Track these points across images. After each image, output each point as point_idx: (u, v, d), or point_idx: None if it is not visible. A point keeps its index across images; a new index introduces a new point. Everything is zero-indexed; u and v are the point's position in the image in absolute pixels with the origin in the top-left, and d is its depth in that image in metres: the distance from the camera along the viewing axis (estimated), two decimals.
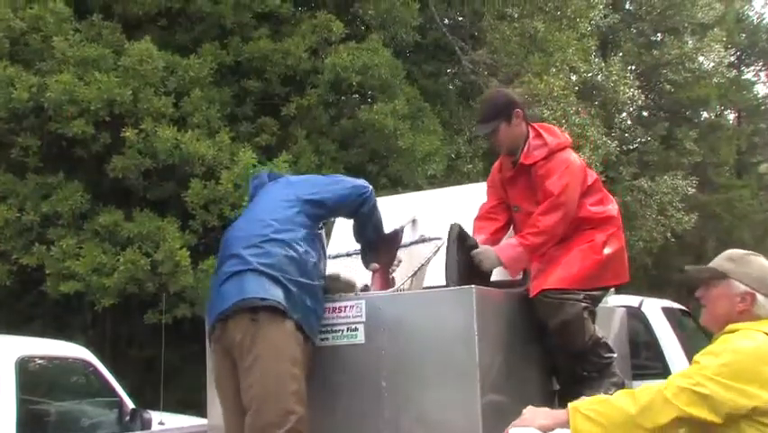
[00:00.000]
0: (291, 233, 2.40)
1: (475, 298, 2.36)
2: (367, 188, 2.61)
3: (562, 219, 2.69)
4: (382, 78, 7.95)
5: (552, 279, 2.65)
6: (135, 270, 6.54)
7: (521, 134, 2.81)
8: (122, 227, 6.78)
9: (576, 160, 2.82)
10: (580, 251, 2.74)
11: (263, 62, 7.75)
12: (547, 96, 9.29)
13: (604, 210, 2.82)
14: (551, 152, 2.78)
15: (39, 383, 4.26)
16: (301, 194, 2.51)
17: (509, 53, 9.74)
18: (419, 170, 8.13)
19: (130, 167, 6.92)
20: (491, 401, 2.35)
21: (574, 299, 2.64)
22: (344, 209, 2.60)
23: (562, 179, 2.71)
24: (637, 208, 12.20)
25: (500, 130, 2.80)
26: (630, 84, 11.32)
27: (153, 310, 7.13)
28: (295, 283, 2.34)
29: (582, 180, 2.79)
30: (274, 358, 2.26)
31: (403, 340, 2.45)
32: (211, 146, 6.92)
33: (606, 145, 10.52)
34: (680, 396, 1.70)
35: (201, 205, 6.95)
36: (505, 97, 2.87)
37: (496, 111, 2.81)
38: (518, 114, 2.81)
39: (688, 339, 4.27)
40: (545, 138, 2.80)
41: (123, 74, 6.88)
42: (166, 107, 6.95)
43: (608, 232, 2.80)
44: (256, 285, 2.30)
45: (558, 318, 2.63)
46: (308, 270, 2.39)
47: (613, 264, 2.81)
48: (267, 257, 2.34)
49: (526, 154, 2.79)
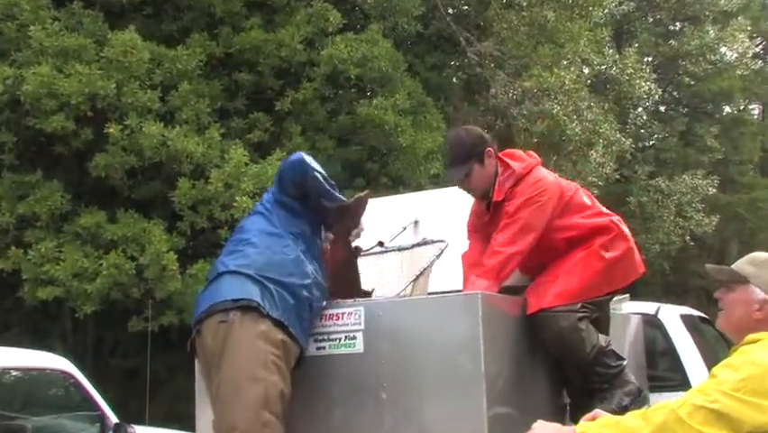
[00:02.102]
0: (269, 236, 2.48)
1: (481, 304, 2.37)
2: (289, 160, 2.59)
3: (515, 235, 2.66)
4: (382, 70, 7.96)
5: (550, 295, 2.65)
6: (119, 274, 6.55)
7: (492, 173, 2.80)
8: (104, 229, 6.79)
9: (547, 177, 2.80)
10: (579, 260, 2.72)
11: (256, 54, 7.76)
12: (558, 91, 9.30)
13: (593, 221, 2.79)
14: (518, 179, 2.77)
15: (15, 397, 4.26)
16: (269, 198, 2.61)
17: (517, 44, 9.75)
18: (421, 168, 8.14)
19: (113, 165, 6.93)
20: (498, 414, 2.35)
21: (568, 310, 2.63)
22: (288, 192, 2.57)
23: (521, 196, 2.71)
24: (654, 209, 12.22)
25: (473, 172, 2.77)
26: (646, 77, 11.35)
27: (138, 318, 7.14)
28: (273, 281, 2.38)
29: (558, 195, 2.76)
30: (239, 361, 2.27)
31: (404, 349, 2.46)
32: (200, 143, 6.93)
33: (620, 142, 10.54)
34: (695, 415, 1.67)
35: (189, 205, 6.97)
36: (474, 137, 2.82)
37: (467, 152, 2.77)
38: (490, 153, 2.80)
39: (708, 348, 4.26)
40: (511, 166, 2.80)
41: (106, 66, 6.89)
42: (152, 102, 6.96)
43: (608, 236, 2.78)
44: (230, 286, 2.37)
45: (552, 334, 2.62)
46: (289, 268, 2.42)
47: (620, 265, 2.80)
48: (243, 258, 2.43)
49: (498, 190, 2.78)
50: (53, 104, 6.69)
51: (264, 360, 2.27)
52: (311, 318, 2.49)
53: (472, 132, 2.89)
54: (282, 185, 2.57)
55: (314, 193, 2.52)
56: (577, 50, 9.83)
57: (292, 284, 2.40)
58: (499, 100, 9.76)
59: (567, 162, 9.61)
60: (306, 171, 2.51)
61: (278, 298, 2.36)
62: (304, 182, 2.51)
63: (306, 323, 2.46)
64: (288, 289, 2.39)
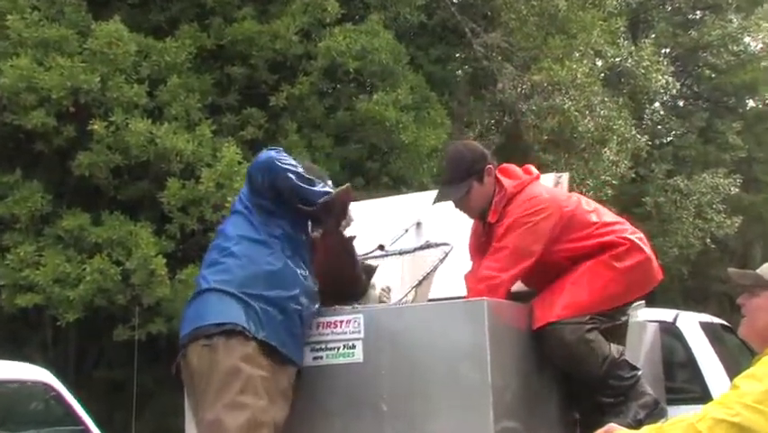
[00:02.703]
0: (251, 243, 2.45)
1: (487, 311, 2.37)
2: (256, 162, 2.53)
3: (506, 259, 2.63)
4: (383, 63, 7.98)
5: (557, 308, 2.62)
6: (104, 280, 6.56)
7: (491, 193, 2.78)
8: (88, 232, 6.80)
9: (542, 194, 2.75)
10: (587, 269, 2.69)
11: (249, 46, 7.78)
12: (569, 85, 9.31)
13: (600, 240, 2.73)
14: (509, 199, 2.74)
15: None
16: (247, 195, 2.57)
17: (526, 35, 9.77)
18: (424, 167, 8.16)
19: (97, 164, 6.95)
20: (505, 429, 2.35)
21: (576, 323, 2.60)
22: (262, 195, 2.51)
23: (510, 218, 2.68)
24: (672, 210, 12.21)
25: (473, 191, 2.74)
26: (664, 70, 11.35)
27: (124, 326, 7.15)
28: (257, 298, 2.36)
29: (555, 211, 2.70)
30: (223, 388, 2.28)
31: (406, 358, 2.46)
32: (190, 140, 6.94)
33: (635, 139, 10.54)
34: (715, 430, 1.66)
35: (179, 207, 6.98)
36: (475, 153, 2.79)
37: (467, 169, 2.74)
38: (490, 171, 2.76)
39: (730, 358, 4.26)
40: (504, 184, 2.77)
41: (90, 58, 6.91)
42: (138, 97, 6.97)
43: (622, 248, 2.73)
44: (212, 308, 2.37)
45: (560, 348, 2.60)
46: (274, 281, 2.40)
47: (635, 275, 2.76)
48: (225, 273, 2.41)
49: (493, 211, 2.76)
50: (33, 98, 6.70)
51: (251, 385, 2.27)
52: (303, 330, 2.49)
53: (473, 147, 2.87)
54: (253, 188, 2.52)
55: (287, 195, 2.46)
56: (590, 42, 9.83)
57: (278, 298, 2.38)
58: (507, 95, 9.77)
59: (579, 161, 9.61)
60: (275, 173, 2.44)
61: (264, 316, 2.35)
62: (275, 184, 2.45)
63: (299, 337, 2.46)
64: (275, 303, 2.38)
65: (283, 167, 2.45)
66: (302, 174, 2.47)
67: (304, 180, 2.47)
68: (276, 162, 2.46)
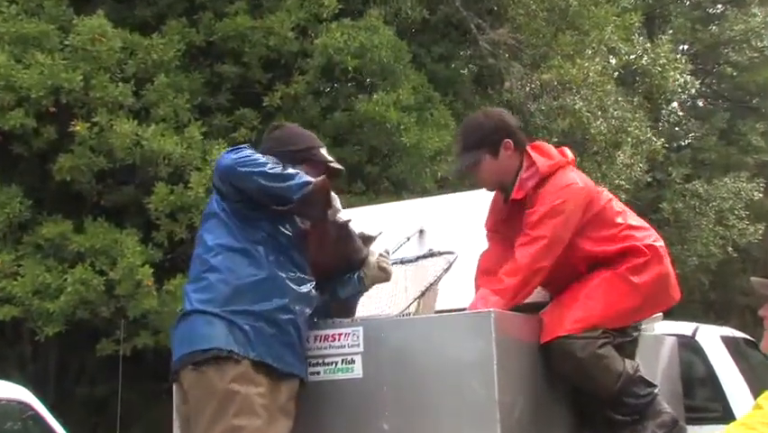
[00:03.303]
0: (232, 253, 2.43)
1: (494, 324, 2.38)
2: (216, 168, 2.49)
3: (542, 251, 2.65)
4: (383, 61, 8.00)
5: (567, 321, 2.62)
6: (86, 291, 6.56)
7: (511, 168, 2.79)
8: (70, 240, 6.81)
9: (576, 181, 2.77)
10: (602, 281, 2.70)
11: (241, 43, 7.81)
12: (580, 84, 9.33)
13: (621, 245, 2.75)
14: (542, 178, 2.75)
15: None
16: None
17: (535, 31, 9.79)
18: (427, 171, 8.17)
19: (80, 168, 6.96)
20: None
21: (587, 338, 2.61)
22: (232, 199, 2.49)
23: (546, 204, 2.68)
24: (691, 217, 12.22)
25: (482, 164, 2.77)
26: (682, 68, 11.37)
27: (108, 340, 7.15)
28: (243, 314, 2.36)
29: (587, 204, 2.73)
30: (215, 413, 2.29)
31: (408, 374, 2.47)
32: (179, 143, 6.96)
33: (651, 142, 10.56)
34: None
35: (167, 213, 6.99)
36: (493, 124, 2.80)
37: (478, 139, 2.77)
38: (508, 144, 2.77)
39: (754, 375, 4.26)
40: (537, 162, 2.78)
41: (71, 56, 6.93)
42: (124, 96, 6.99)
43: (641, 259, 2.74)
44: (197, 332, 2.38)
45: (570, 364, 2.61)
46: (260, 293, 2.39)
47: (652, 293, 2.77)
48: (207, 291, 2.41)
49: (518, 188, 2.77)
50: (11, 98, 6.72)
51: (246, 405, 2.29)
52: (301, 336, 2.48)
53: (493, 116, 2.87)
54: (221, 195, 2.50)
55: (259, 198, 2.42)
56: (603, 38, 9.86)
57: (266, 311, 2.38)
58: (515, 95, 9.78)
59: (591, 164, 9.62)
60: (238, 179, 2.39)
61: (254, 333, 2.35)
62: (242, 190, 2.42)
63: (295, 346, 2.45)
64: (263, 317, 2.37)
65: (245, 171, 2.39)
66: (269, 172, 2.39)
67: (273, 178, 2.39)
68: (237, 168, 2.40)
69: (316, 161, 2.66)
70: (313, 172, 2.55)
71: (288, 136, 2.72)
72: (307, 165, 2.60)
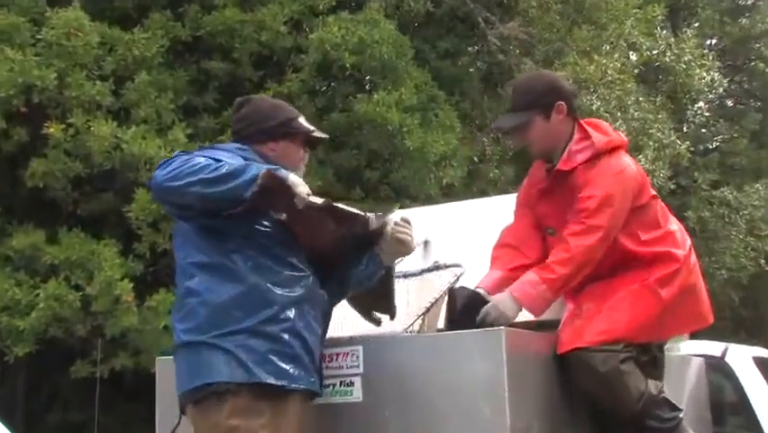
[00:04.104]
0: (205, 271, 2.41)
1: (505, 342, 2.38)
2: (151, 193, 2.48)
3: (599, 243, 2.67)
4: (384, 58, 8.02)
5: (588, 333, 2.63)
6: (60, 307, 6.56)
7: (562, 135, 2.81)
8: (43, 252, 6.81)
9: (631, 166, 2.81)
10: (628, 293, 2.71)
11: (230, 38, 7.84)
12: (598, 83, 9.35)
13: (655, 249, 2.78)
14: (596, 154, 2.76)
15: None
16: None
17: (548, 25, 9.83)
18: (431, 177, 8.18)
19: (54, 173, 6.97)
20: None
21: (608, 351, 2.61)
22: (185, 216, 2.46)
23: (604, 189, 2.69)
24: (719, 227, 12.22)
25: (533, 125, 2.78)
26: (709, 65, 11.41)
27: (84, 361, 7.14)
28: (229, 336, 2.34)
29: (636, 195, 2.77)
30: None
31: (412, 397, 2.46)
32: (162, 146, 6.97)
33: (675, 145, 10.57)
34: None
35: (149, 222, 6.99)
36: (547, 84, 2.85)
37: (531, 99, 2.79)
38: (561, 108, 2.80)
39: None
40: (592, 136, 2.79)
41: (45, 51, 6.95)
42: (102, 96, 7.01)
43: (670, 268, 2.77)
44: (190, 368, 2.39)
45: (589, 379, 2.61)
46: (242, 309, 2.36)
47: (681, 308, 2.79)
48: (191, 319, 2.40)
49: (566, 159, 2.78)
50: None
51: None
52: (307, 345, 2.41)
53: (546, 77, 2.93)
54: (173, 213, 2.50)
55: (206, 208, 2.36)
56: (622, 33, 9.89)
57: (254, 326, 2.36)
58: None
59: None
60: (175, 196, 2.36)
61: (246, 353, 2.33)
62: (183, 204, 2.38)
63: (301, 356, 2.38)
64: (253, 334, 2.36)
65: (179, 185, 2.32)
66: (208, 177, 2.31)
67: (214, 183, 2.30)
68: (168, 185, 2.34)
69: (297, 132, 2.63)
70: (297, 146, 2.59)
71: (258, 112, 2.65)
72: (288, 139, 2.60)
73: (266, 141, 2.58)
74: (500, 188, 8.58)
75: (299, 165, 2.62)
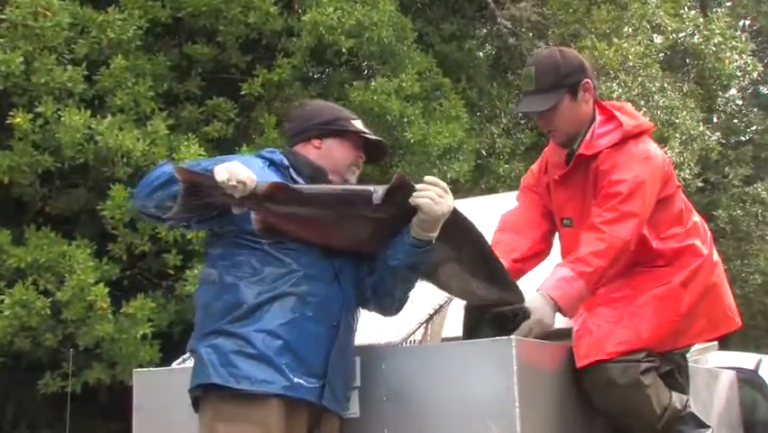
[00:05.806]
0: (202, 283, 2.61)
1: (516, 353, 2.38)
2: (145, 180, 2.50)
3: (633, 231, 2.66)
4: (383, 42, 8.03)
5: (609, 344, 2.61)
6: (27, 315, 6.55)
7: (586, 116, 2.81)
8: (8, 254, 6.81)
9: (658, 153, 2.82)
10: (652, 299, 2.70)
11: (214, 20, 7.83)
12: (618, 68, 9.36)
13: (686, 240, 2.80)
14: (624, 138, 2.76)
15: None
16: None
17: (564, 5, 9.84)
18: (435, 171, 8.17)
19: (20, 167, 6.96)
20: None
21: (628, 360, 2.60)
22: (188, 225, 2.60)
23: (632, 173, 2.68)
24: (752, 227, 12.24)
25: (562, 106, 2.77)
26: (741, 48, 11.41)
27: (53, 374, 7.14)
28: (205, 339, 2.43)
29: (663, 185, 2.79)
30: None
31: (414, 413, 2.47)
32: (140, 138, 6.97)
33: (704, 137, 10.58)
34: None
35: (125, 222, 6.99)
36: (572, 60, 2.83)
37: (557, 79, 2.77)
38: (588, 86, 2.80)
39: None
40: (619, 119, 2.79)
41: (10, 33, 6.93)
42: (73, 82, 7.01)
43: (693, 265, 2.78)
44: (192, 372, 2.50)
45: (607, 393, 2.60)
46: (218, 309, 2.42)
47: (706, 312, 2.80)
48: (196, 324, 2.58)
49: (588, 142, 2.78)
50: None
51: None
52: (283, 341, 2.37)
53: (569, 54, 2.90)
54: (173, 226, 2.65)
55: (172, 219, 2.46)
56: (645, 14, 9.90)
57: (221, 327, 2.40)
58: None
59: None
60: (147, 213, 2.48)
61: (215, 354, 2.38)
62: (162, 219, 2.48)
63: (269, 351, 2.35)
64: (222, 333, 2.40)
65: (138, 204, 2.50)
66: (142, 182, 2.46)
67: (141, 187, 2.46)
68: (139, 204, 2.47)
69: (345, 130, 2.61)
70: (346, 147, 2.59)
71: (310, 111, 2.72)
72: (340, 138, 2.60)
73: (310, 138, 2.60)
74: (510, 185, 8.57)
75: (346, 169, 2.61)
